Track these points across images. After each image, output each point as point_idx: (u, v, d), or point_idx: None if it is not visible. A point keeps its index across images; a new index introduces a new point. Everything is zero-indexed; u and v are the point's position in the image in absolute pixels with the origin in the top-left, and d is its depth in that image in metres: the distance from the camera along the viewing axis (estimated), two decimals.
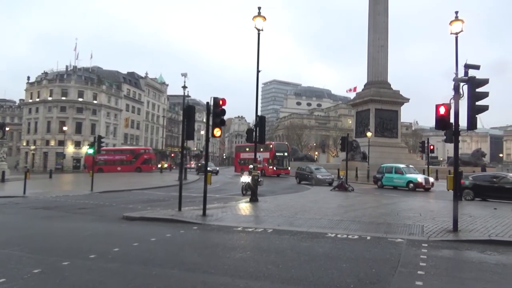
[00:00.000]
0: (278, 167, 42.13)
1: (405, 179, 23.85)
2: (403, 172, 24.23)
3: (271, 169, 41.77)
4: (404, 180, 23.82)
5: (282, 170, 42.28)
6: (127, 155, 57.66)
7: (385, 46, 43.02)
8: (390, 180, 24.86)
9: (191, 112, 12.65)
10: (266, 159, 42.23)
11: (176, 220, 11.17)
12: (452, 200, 9.57)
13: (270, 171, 41.58)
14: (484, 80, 9.49)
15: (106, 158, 58.14)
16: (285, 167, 42.89)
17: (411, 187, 23.14)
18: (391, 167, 25.57)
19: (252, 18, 16.08)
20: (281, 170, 42.19)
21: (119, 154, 58.52)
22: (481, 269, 6.38)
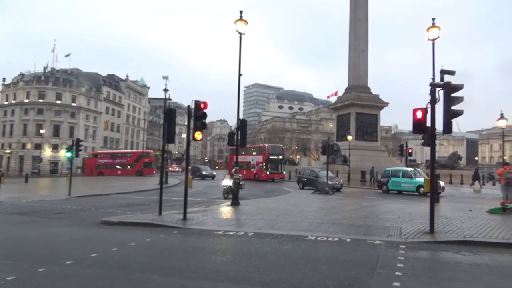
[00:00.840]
0: (272, 171, 39.59)
1: (414, 183, 22.50)
2: (412, 176, 22.98)
3: (264, 173, 39.38)
4: (414, 185, 22.48)
5: (277, 174, 39.95)
6: (127, 158, 56.80)
7: (365, 51, 43.76)
8: (397, 185, 23.60)
9: (172, 115, 12.57)
10: (259, 162, 40.32)
11: (156, 225, 11.04)
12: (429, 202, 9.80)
13: (264, 176, 39.29)
14: (459, 86, 9.77)
15: (106, 161, 57.44)
16: (280, 171, 40.62)
17: (421, 192, 21.48)
18: (397, 171, 24.45)
19: (234, 22, 16.13)
20: (276, 174, 39.79)
21: (120, 158, 57.63)
22: (456, 269, 6.55)
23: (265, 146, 42.65)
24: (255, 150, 42.93)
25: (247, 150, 44.39)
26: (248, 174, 40.61)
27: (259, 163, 40.05)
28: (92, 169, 56.92)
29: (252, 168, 40.98)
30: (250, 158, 41.55)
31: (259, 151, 41.88)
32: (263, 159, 39.72)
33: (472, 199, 20.32)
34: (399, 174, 23.79)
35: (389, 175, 24.70)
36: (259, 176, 39.32)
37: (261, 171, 39.62)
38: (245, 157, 42.28)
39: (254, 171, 40.40)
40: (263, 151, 40.63)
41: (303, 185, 28.41)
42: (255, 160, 40.63)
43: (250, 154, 42.11)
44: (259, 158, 40.40)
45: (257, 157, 40.58)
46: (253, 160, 41.03)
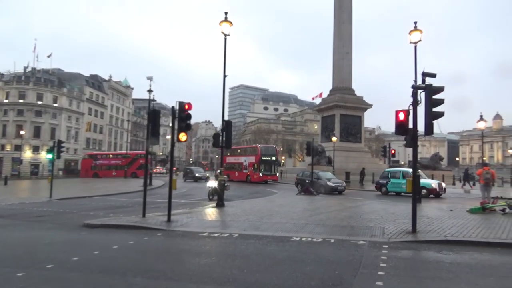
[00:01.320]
0: (265, 173, 37.86)
1: None
2: None
3: (257, 175, 37.69)
4: None
5: (270, 176, 38.15)
6: (122, 159, 55.54)
7: (350, 53, 44.25)
8: (397, 186, 22.70)
9: (156, 116, 12.45)
10: (251, 163, 38.80)
11: (139, 227, 10.92)
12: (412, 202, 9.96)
13: (256, 177, 37.63)
14: (440, 88, 9.97)
15: (101, 162, 56.43)
16: (273, 173, 38.81)
17: (424, 193, 20.71)
18: (397, 172, 23.65)
19: (219, 23, 16.10)
20: (269, 176, 38.01)
21: (115, 159, 56.58)
22: (437, 268, 6.67)
23: (257, 147, 41.11)
24: (248, 151, 41.85)
25: (239, 151, 44.00)
26: (241, 175, 39.91)
27: (252, 164, 38.63)
28: (87, 170, 56.10)
29: (244, 170, 39.82)
30: (243, 159, 40.74)
31: (251, 151, 40.46)
32: (255, 160, 38.23)
33: (454, 199, 20.70)
34: (399, 175, 23.00)
35: (388, 176, 24.03)
36: (252, 178, 37.98)
37: (254, 172, 38.19)
38: (237, 158, 41.65)
39: (247, 173, 39.19)
40: (255, 152, 39.13)
41: (302, 187, 26.07)
42: (248, 161, 39.30)
43: (242, 155, 41.52)
44: (251, 159, 39.00)
45: (249, 158, 39.26)
46: (245, 161, 39.87)
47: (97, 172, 54.60)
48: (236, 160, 41.43)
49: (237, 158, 41.40)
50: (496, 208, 13.80)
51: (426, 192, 20.99)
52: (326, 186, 24.00)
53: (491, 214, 13.19)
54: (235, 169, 41.57)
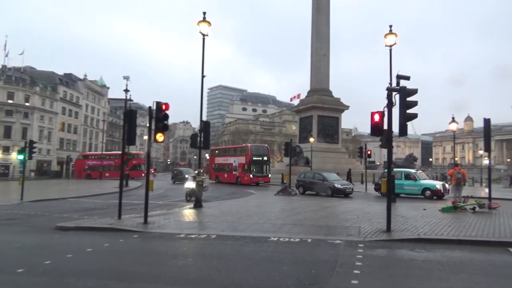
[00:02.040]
0: (256, 174, 35.25)
1: (420, 186, 21.18)
2: (416, 178, 21.63)
3: (247, 177, 35.20)
4: (419, 187, 21.14)
5: (261, 177, 35.64)
6: (115, 160, 53.30)
7: (327, 55, 44.79)
8: (399, 188, 21.23)
9: (133, 116, 12.27)
10: (241, 164, 36.29)
11: (115, 229, 10.71)
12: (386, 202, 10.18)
13: (247, 179, 35.17)
14: (414, 90, 10.24)
15: (94, 163, 54.39)
16: (265, 174, 36.32)
17: (428, 195, 20.43)
18: (398, 172, 22.37)
19: (197, 23, 16.01)
20: (260, 177, 35.50)
21: (107, 159, 54.48)
22: (410, 266, 6.84)
23: (248, 146, 38.42)
24: (237, 151, 39.55)
25: (228, 151, 42.28)
26: (230, 177, 38.15)
27: (242, 165, 36.15)
28: (80, 171, 54.21)
29: (234, 171, 37.66)
30: (232, 160, 38.73)
31: (241, 151, 38.10)
32: (245, 160, 35.77)
33: (426, 199, 21.23)
34: (401, 176, 21.99)
35: None
36: (242, 180, 35.75)
37: (244, 174, 35.78)
38: (226, 158, 39.90)
39: (236, 174, 36.99)
40: (245, 152, 36.82)
41: (304, 190, 24.87)
42: (237, 162, 36.97)
43: (232, 155, 39.70)
44: (241, 159, 36.60)
45: (239, 158, 36.94)
46: (235, 162, 37.54)
47: (90, 173, 52.70)
48: (225, 160, 39.65)
49: (226, 159, 39.75)
50: (467, 207, 14.27)
51: (430, 193, 20.57)
52: (333, 188, 22.38)
53: (462, 213, 13.64)
54: (224, 170, 39.99)
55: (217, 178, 40.62)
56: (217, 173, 41.13)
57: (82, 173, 53.48)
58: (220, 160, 41.32)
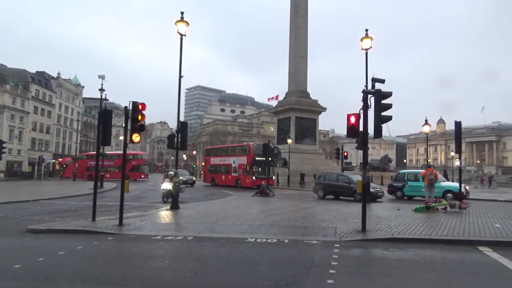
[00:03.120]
0: (259, 176, 31.47)
1: (440, 188, 19.42)
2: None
3: (249, 179, 32.11)
4: (440, 190, 19.26)
5: (265, 180, 30.33)
6: (115, 160, 50.61)
7: (305, 57, 45.25)
8: (416, 190, 20.53)
9: (108, 116, 12.04)
10: (242, 165, 33.28)
11: (89, 231, 10.45)
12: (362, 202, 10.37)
13: (249, 182, 31.98)
14: (388, 93, 10.48)
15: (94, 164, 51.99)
16: (269, 176, 31.25)
17: (450, 198, 18.38)
18: (416, 174, 21.42)
19: (175, 23, 15.86)
20: (264, 180, 30.07)
21: (108, 160, 50.55)
22: (384, 265, 6.99)
23: (250, 145, 34.79)
24: (237, 150, 36.21)
25: (226, 150, 39.12)
26: (229, 179, 35.06)
27: (243, 166, 33.19)
28: (83, 172, 51.45)
29: (233, 173, 34.51)
30: (231, 160, 35.52)
31: (242, 151, 34.88)
32: (247, 160, 32.71)
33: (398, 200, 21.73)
34: (419, 177, 20.65)
35: (404, 178, 21.88)
36: (243, 183, 32.72)
37: (245, 176, 32.74)
38: (224, 158, 36.70)
39: (236, 176, 33.94)
40: (247, 151, 33.61)
41: (325, 194, 21.98)
42: (237, 163, 33.89)
43: (230, 155, 36.59)
44: (242, 159, 33.58)
45: (239, 159, 33.86)
46: (234, 163, 34.37)
47: (91, 174, 48.71)
48: (223, 161, 36.52)
49: (224, 159, 36.59)
50: (439, 207, 14.71)
51: (452, 196, 18.69)
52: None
53: (434, 213, 14.04)
54: (221, 172, 36.97)
55: (213, 180, 38.04)
56: (213, 175, 38.49)
57: (84, 174, 50.67)
58: (216, 161, 38.47)
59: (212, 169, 39.05)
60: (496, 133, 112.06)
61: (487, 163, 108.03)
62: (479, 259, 7.53)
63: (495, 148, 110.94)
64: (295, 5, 45.27)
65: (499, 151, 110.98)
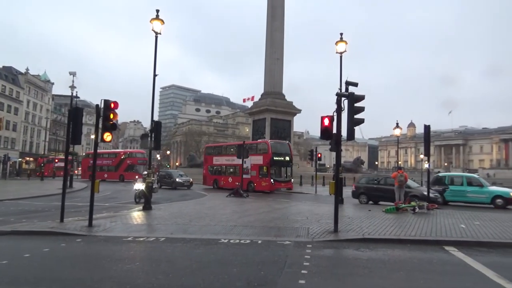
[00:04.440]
0: (277, 179, 27.87)
1: (489, 193, 18.26)
2: (483, 184, 18.90)
3: (266, 182, 27.39)
4: (488, 195, 18.20)
5: (284, 183, 28.33)
6: (112, 159, 47.42)
7: (281, 59, 45.55)
8: (459, 195, 19.03)
9: (79, 114, 11.73)
10: (256, 166, 28.31)
11: (56, 233, 10.12)
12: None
13: (266, 185, 27.41)
14: (361, 96, 10.70)
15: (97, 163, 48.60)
16: (287, 179, 28.85)
17: (499, 203, 17.68)
18: (458, 177, 20.00)
19: (150, 21, 15.63)
20: (282, 183, 28.19)
21: (106, 159, 47.80)
22: (355, 265, 7.13)
23: (267, 143, 29.56)
24: (250, 148, 29.90)
25: (234, 149, 32.71)
26: (238, 182, 29.03)
27: (257, 167, 28.29)
28: (85, 171, 48.63)
29: (244, 174, 28.67)
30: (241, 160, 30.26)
31: (256, 149, 29.65)
32: (264, 161, 28.00)
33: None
34: (462, 181, 19.50)
35: (445, 181, 19.93)
36: (258, 186, 28.03)
37: (261, 178, 27.93)
38: (232, 158, 30.70)
39: (248, 178, 28.73)
40: (263, 150, 28.69)
41: (369, 199, 19.61)
42: (250, 163, 28.70)
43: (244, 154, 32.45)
44: (256, 159, 28.58)
45: (253, 158, 28.49)
46: (246, 163, 28.49)
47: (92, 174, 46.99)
48: (230, 161, 31.40)
49: (231, 159, 30.99)
50: (408, 208, 15.13)
51: (502, 202, 17.71)
52: (421, 196, 17.31)
53: (403, 214, 14.43)
54: (227, 173, 32.25)
55: (216, 182, 32.83)
56: (216, 177, 33.11)
57: (86, 173, 47.51)
58: (221, 160, 33.26)
59: (214, 170, 33.90)
60: (462, 137, 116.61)
61: (454, 165, 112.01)
62: (445, 259, 7.79)
63: (461, 151, 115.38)
64: (271, 7, 45.52)
65: (466, 154, 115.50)
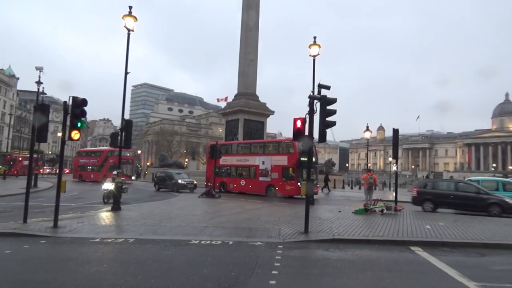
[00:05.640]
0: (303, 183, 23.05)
1: None
2: None
3: (291, 186, 23.54)
4: None
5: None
6: (98, 158, 43.83)
7: (255, 60, 45.61)
8: None
9: (45, 110, 11.29)
10: (279, 167, 24.53)
11: (19, 234, 9.70)
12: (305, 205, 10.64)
13: (292, 189, 23.46)
14: (333, 99, 10.87)
15: (85, 161, 44.77)
16: (315, 182, 25.01)
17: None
18: (493, 182, 18.92)
19: (122, 17, 15.29)
20: None
21: (92, 157, 44.07)
22: (325, 265, 7.24)
23: (293, 141, 22.19)
24: (272, 147, 26.68)
25: (249, 147, 29.06)
26: (254, 185, 26.19)
27: (279, 169, 24.54)
28: (76, 170, 45.92)
29: (262, 177, 25.44)
30: (258, 160, 26.13)
31: (280, 148, 25.88)
32: (288, 161, 24.11)
33: (342, 201, 22.62)
34: (497, 186, 18.47)
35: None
36: (280, 190, 24.23)
37: (284, 181, 24.09)
38: (246, 158, 27.36)
39: (268, 181, 25.11)
40: (289, 149, 24.66)
41: (436, 205, 17.48)
42: (269, 164, 25.17)
43: (257, 154, 26.95)
44: (279, 160, 24.81)
45: (275, 159, 25.09)
46: (263, 164, 25.47)
47: (81, 174, 43.26)
48: (243, 161, 27.62)
49: (245, 159, 27.38)
50: (376, 209, 15.53)
51: None
52: (505, 205, 15.85)
53: (372, 215, 14.79)
54: (239, 175, 28.19)
55: (224, 185, 28.53)
56: (224, 179, 28.71)
57: (76, 173, 44.91)
58: (231, 160, 28.85)
59: (222, 172, 29.05)
60: (429, 140, 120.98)
61: (420, 168, 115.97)
62: (411, 258, 8.04)
63: (428, 155, 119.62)
64: (247, 7, 45.59)
65: (432, 157, 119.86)
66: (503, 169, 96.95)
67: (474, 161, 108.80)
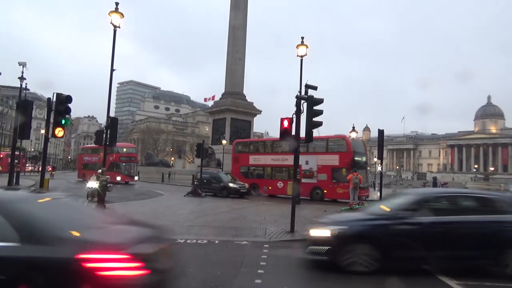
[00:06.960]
0: None
1: None
2: None
3: (343, 189, 20.98)
4: None
5: (361, 189, 20.51)
6: (99, 155, 39.08)
7: (242, 59, 45.64)
8: None
9: (28, 107, 11.14)
10: (328, 167, 22.50)
11: None
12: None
13: (343, 193, 21.03)
14: (320, 100, 10.96)
15: (88, 159, 42.23)
16: (365, 185, 22.59)
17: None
18: None
19: (108, 13, 15.08)
20: (361, 189, 20.32)
21: (96, 154, 40.29)
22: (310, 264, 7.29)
23: (346, 138, 23.62)
24: (318, 146, 23.45)
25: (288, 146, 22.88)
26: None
27: (328, 169, 22.48)
28: (80, 169, 43.37)
29: (307, 178, 22.35)
30: (303, 159, 21.53)
31: (327, 147, 23.52)
32: (340, 161, 22.04)
33: (328, 202, 22.65)
34: None
35: None
36: (329, 193, 22.26)
37: (335, 183, 21.98)
38: (284, 157, 24.05)
39: (314, 183, 22.78)
40: (341, 147, 22.76)
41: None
42: (315, 163, 22.99)
43: (304, 153, 21.40)
44: (327, 159, 22.73)
45: (320, 158, 23.04)
46: (308, 163, 22.86)
47: (85, 173, 39.35)
48: (281, 160, 24.84)
49: (283, 158, 24.40)
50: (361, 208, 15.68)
51: None
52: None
53: None
54: (275, 176, 25.46)
55: (256, 188, 25.74)
56: (255, 181, 26.14)
57: (80, 171, 42.06)
58: (265, 160, 26.25)
59: (252, 172, 26.95)
60: (413, 141, 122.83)
61: (405, 168, 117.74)
62: None
63: (412, 155, 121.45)
64: (235, 6, 45.52)
65: (416, 158, 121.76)
66: (485, 170, 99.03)
67: (456, 162, 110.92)
